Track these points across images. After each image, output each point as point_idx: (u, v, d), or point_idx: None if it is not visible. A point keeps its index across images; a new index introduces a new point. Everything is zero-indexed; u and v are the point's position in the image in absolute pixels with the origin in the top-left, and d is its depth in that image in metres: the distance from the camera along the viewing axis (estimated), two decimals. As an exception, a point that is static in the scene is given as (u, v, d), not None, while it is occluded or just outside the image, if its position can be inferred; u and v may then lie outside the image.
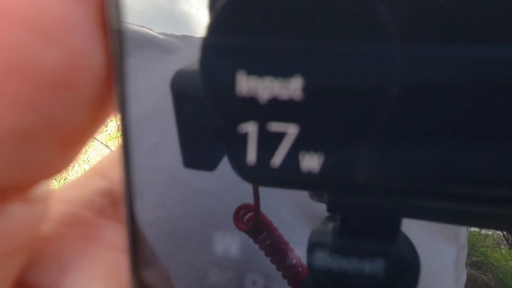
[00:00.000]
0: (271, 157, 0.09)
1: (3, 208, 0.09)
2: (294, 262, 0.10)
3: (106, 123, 0.10)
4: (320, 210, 0.10)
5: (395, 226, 0.09)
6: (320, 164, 0.09)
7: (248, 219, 0.10)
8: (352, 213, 0.09)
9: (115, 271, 0.11)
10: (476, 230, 0.12)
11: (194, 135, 0.09)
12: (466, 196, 0.09)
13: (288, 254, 0.11)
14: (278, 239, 0.11)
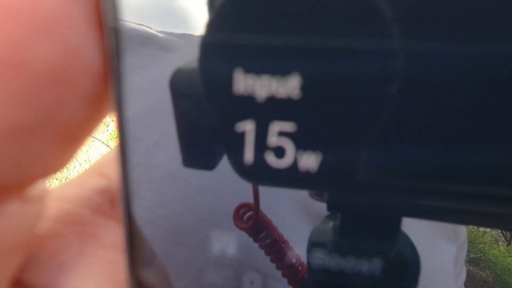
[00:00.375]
0: (269, 155, 0.09)
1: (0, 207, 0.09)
2: (294, 261, 0.10)
3: (106, 122, 0.10)
4: (320, 209, 0.10)
5: (395, 225, 0.09)
6: (318, 163, 0.09)
7: (248, 218, 0.10)
8: (352, 211, 0.09)
9: (112, 270, 0.11)
10: (475, 226, 0.12)
11: (193, 133, 0.09)
12: (465, 195, 0.09)
13: (288, 253, 0.11)
14: (278, 238, 0.11)
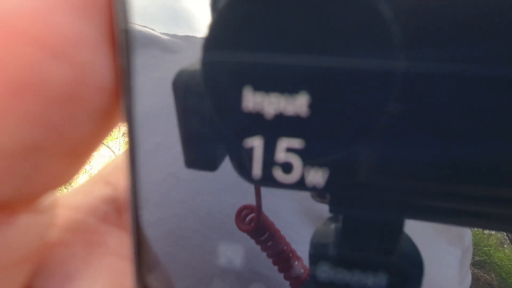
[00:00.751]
0: (277, 171, 0.09)
1: (12, 219, 0.09)
2: (296, 263, 0.10)
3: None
4: (322, 211, 0.09)
5: (398, 227, 0.09)
6: (325, 179, 0.09)
7: (250, 220, 0.10)
8: (355, 213, 0.09)
9: (119, 278, 0.11)
10: (480, 229, 0.12)
11: (195, 135, 0.09)
12: (471, 197, 0.09)
13: (290, 255, 0.10)
14: (280, 240, 0.11)
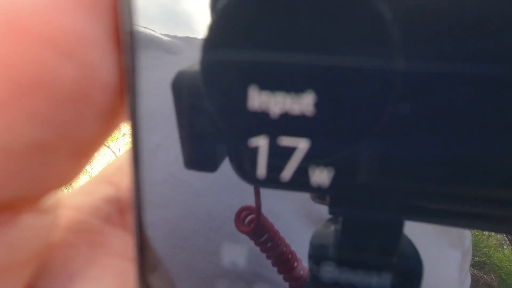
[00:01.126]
0: (281, 171, 0.09)
1: (15, 219, 0.09)
2: (296, 265, 0.10)
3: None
4: (322, 212, 0.09)
5: (398, 229, 0.09)
6: (330, 178, 0.09)
7: (249, 221, 0.10)
8: (355, 215, 0.09)
9: (122, 279, 0.11)
10: (479, 230, 0.12)
11: (195, 135, 0.09)
12: (470, 198, 0.09)
13: (290, 257, 0.11)
14: (280, 241, 0.11)
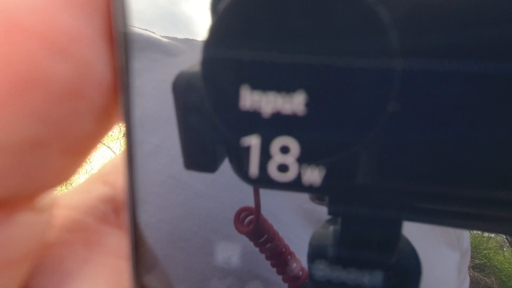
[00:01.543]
0: (274, 171, 0.09)
1: (10, 217, 0.09)
2: (295, 265, 0.10)
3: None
4: (321, 213, 0.09)
5: (396, 229, 0.09)
6: (321, 177, 0.09)
7: (248, 222, 0.10)
8: (353, 216, 0.09)
9: (117, 278, 0.11)
10: (479, 232, 0.12)
11: (195, 136, 0.09)
12: (470, 199, 0.09)
13: (289, 257, 0.10)
14: (279, 242, 0.11)
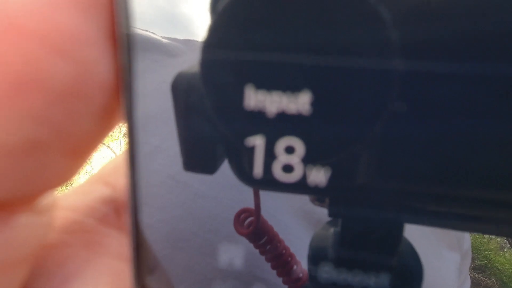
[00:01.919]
0: (278, 171, 0.09)
1: (11, 218, 0.09)
2: (295, 268, 0.10)
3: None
4: (321, 215, 0.09)
5: (397, 232, 0.09)
6: (327, 178, 0.09)
7: (248, 223, 0.10)
8: (354, 218, 0.09)
9: (118, 279, 0.11)
10: (480, 234, 0.12)
11: (194, 137, 0.09)
12: (471, 201, 0.09)
13: (289, 259, 0.10)
14: (279, 244, 0.11)
